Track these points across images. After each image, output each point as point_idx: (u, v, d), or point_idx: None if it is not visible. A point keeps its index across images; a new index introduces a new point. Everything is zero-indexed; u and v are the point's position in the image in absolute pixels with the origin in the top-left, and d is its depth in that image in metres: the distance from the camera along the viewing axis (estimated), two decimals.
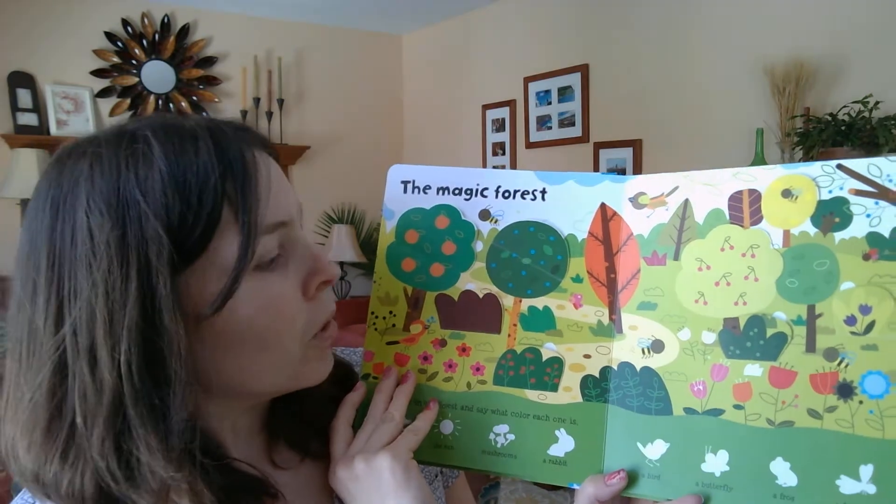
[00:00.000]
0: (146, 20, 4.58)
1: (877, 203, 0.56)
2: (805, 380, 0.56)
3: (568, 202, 0.66)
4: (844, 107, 2.77)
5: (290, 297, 0.56)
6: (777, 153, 3.09)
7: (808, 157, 2.90)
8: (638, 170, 3.83)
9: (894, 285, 0.55)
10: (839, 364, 0.55)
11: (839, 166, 0.57)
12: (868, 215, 0.56)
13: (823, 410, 0.55)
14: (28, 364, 0.51)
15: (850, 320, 0.55)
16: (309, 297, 0.58)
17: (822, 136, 2.74)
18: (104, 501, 0.51)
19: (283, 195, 0.57)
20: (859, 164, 0.56)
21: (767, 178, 0.59)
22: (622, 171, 3.90)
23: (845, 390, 0.55)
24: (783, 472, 0.56)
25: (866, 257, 0.55)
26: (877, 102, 2.70)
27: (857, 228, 0.56)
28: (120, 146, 0.52)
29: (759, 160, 3.05)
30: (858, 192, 0.56)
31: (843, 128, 2.71)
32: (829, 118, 2.76)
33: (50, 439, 0.50)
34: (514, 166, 4.61)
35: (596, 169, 4.03)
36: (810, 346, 0.56)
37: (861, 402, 0.54)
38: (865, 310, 0.55)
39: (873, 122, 2.68)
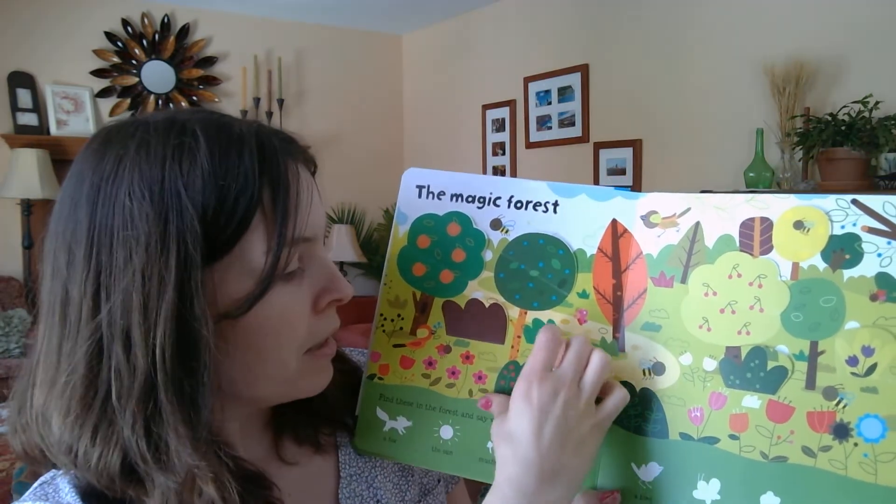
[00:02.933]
0: (146, 20, 4.58)
1: (889, 243, 0.55)
2: (802, 416, 0.56)
3: (579, 216, 0.65)
4: (844, 107, 2.77)
5: (299, 309, 0.57)
6: (777, 153, 3.10)
7: (809, 156, 2.90)
8: (638, 170, 3.83)
9: None
10: (837, 404, 0.54)
11: (854, 202, 0.56)
12: (879, 255, 0.55)
13: (818, 449, 0.55)
14: (63, 333, 0.52)
15: (852, 361, 0.54)
16: (317, 312, 0.59)
17: (822, 136, 2.74)
18: (129, 479, 0.51)
19: (314, 212, 0.58)
20: (875, 202, 0.55)
21: (780, 207, 0.58)
22: (622, 172, 3.90)
23: (841, 431, 0.54)
24: None
25: (873, 298, 0.54)
26: (877, 102, 2.70)
27: (867, 267, 0.55)
28: (169, 136, 0.53)
29: (759, 160, 3.06)
30: (871, 230, 0.55)
31: (843, 128, 2.71)
32: (829, 118, 2.76)
33: (85, 413, 0.51)
34: (514, 166, 4.61)
35: (596, 169, 4.03)
36: (810, 383, 0.56)
37: (856, 445, 0.54)
38: (868, 351, 0.54)
39: (873, 122, 2.68)
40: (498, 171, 4.71)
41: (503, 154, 4.70)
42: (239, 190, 0.52)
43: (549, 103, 4.33)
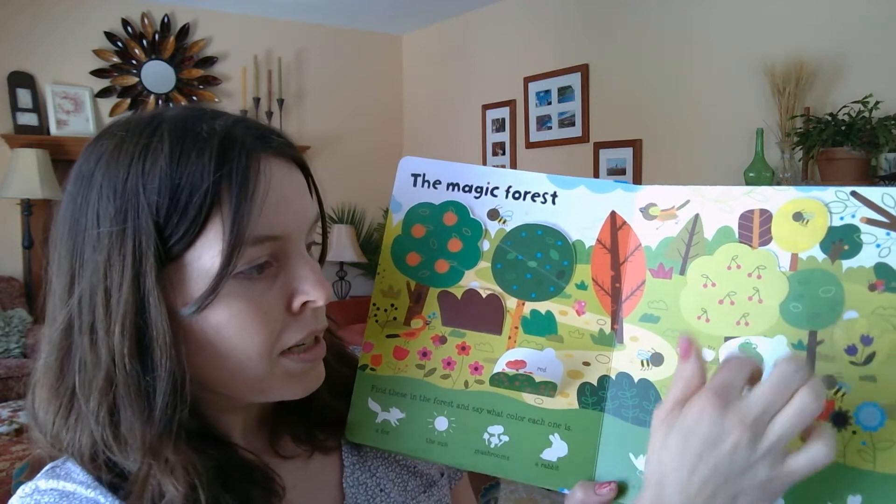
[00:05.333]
0: (146, 20, 4.58)
1: (888, 234, 0.55)
2: None
3: (578, 208, 0.65)
4: (844, 107, 2.77)
5: (268, 308, 0.55)
6: (777, 153, 3.09)
7: (809, 156, 2.90)
8: (638, 170, 3.83)
9: None
10: (836, 392, 0.55)
11: (853, 193, 0.56)
12: (878, 245, 0.55)
13: None
14: (49, 322, 0.55)
15: (851, 350, 0.55)
16: (292, 313, 0.57)
17: (822, 136, 2.74)
18: (97, 463, 0.54)
19: (283, 209, 0.56)
20: (873, 193, 0.55)
21: (780, 199, 0.58)
22: (622, 172, 3.90)
23: (840, 419, 0.54)
24: None
25: (872, 288, 0.54)
26: (877, 102, 2.70)
27: (866, 258, 0.55)
28: (141, 136, 0.54)
29: (759, 160, 3.06)
30: (870, 221, 0.55)
31: (843, 128, 2.71)
32: (829, 118, 2.76)
33: (55, 398, 0.55)
34: (513, 166, 4.61)
35: (596, 169, 4.03)
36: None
37: (854, 433, 0.54)
38: (867, 341, 0.54)
39: (873, 122, 2.68)
40: None
41: (503, 154, 4.70)
42: (192, 189, 0.52)
43: (549, 103, 4.33)
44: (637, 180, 3.82)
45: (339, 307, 4.66)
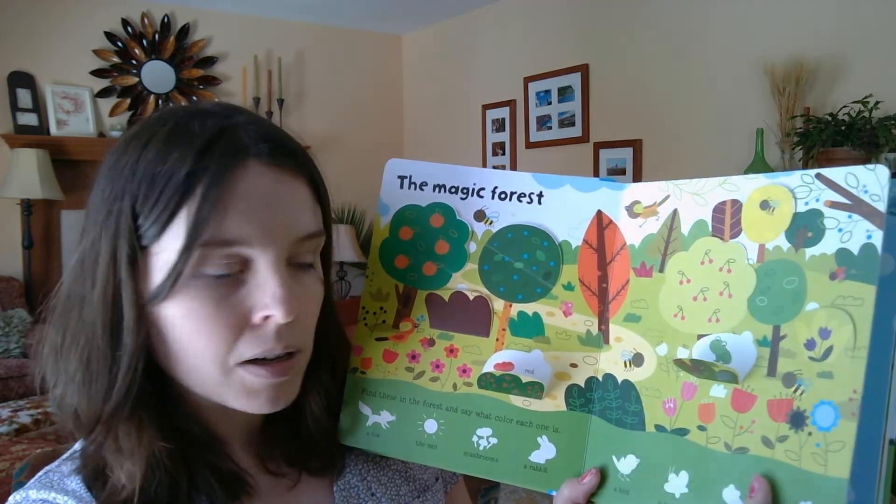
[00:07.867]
0: (146, 20, 4.58)
1: (850, 216, 0.51)
2: (763, 405, 0.53)
3: (564, 207, 0.64)
4: (844, 107, 2.76)
5: (223, 314, 0.54)
6: (777, 153, 3.09)
7: (809, 156, 2.89)
8: (638, 170, 3.82)
9: (856, 308, 0.49)
10: (795, 391, 0.51)
11: (818, 176, 0.53)
12: (840, 230, 0.51)
13: (776, 439, 0.52)
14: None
15: (810, 344, 0.51)
16: (252, 325, 0.55)
17: (822, 136, 2.73)
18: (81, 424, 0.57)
19: (254, 217, 0.54)
20: (837, 174, 0.52)
21: (749, 188, 0.56)
22: (622, 172, 3.90)
23: (797, 420, 0.51)
24: (734, 502, 0.53)
25: (833, 276, 0.51)
26: (877, 102, 2.69)
27: (828, 244, 0.51)
28: (154, 124, 0.56)
29: (759, 160, 3.05)
30: (834, 205, 0.51)
31: (843, 128, 2.71)
32: (829, 118, 2.75)
33: (53, 354, 0.58)
34: (514, 166, 4.60)
35: (596, 169, 4.03)
36: (771, 370, 0.52)
37: (810, 434, 0.50)
38: (825, 333, 0.50)
39: (873, 122, 2.67)
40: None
41: (503, 154, 4.70)
42: (167, 181, 0.53)
43: (549, 103, 4.33)
44: (637, 180, 3.81)
45: (338, 307, 4.65)
